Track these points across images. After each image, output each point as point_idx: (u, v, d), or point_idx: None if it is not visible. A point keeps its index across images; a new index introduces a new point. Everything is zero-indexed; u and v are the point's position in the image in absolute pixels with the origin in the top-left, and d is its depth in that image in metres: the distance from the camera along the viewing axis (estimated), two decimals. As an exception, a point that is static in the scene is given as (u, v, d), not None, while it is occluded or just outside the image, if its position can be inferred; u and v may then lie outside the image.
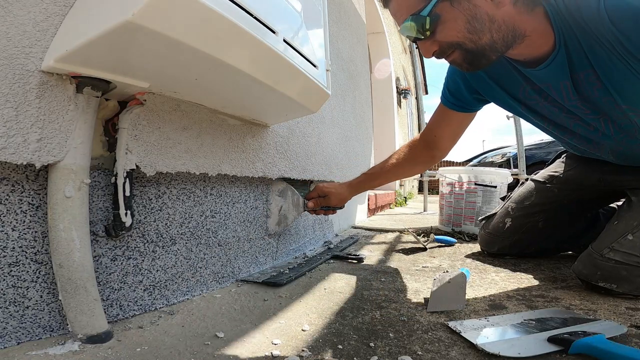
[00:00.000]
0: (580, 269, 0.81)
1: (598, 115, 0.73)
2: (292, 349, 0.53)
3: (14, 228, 0.50)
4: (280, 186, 1.03)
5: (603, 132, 0.78)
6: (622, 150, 0.83)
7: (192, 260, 0.76)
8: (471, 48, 0.62)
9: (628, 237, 0.77)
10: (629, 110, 0.68)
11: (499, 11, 0.59)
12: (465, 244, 1.47)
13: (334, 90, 1.54)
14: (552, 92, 0.73)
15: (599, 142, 0.84)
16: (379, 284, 0.87)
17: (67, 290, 0.52)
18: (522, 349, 0.51)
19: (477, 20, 0.59)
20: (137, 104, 0.61)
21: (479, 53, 0.63)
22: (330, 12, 1.54)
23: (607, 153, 0.87)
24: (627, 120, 0.70)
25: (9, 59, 0.46)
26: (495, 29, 0.60)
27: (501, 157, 4.41)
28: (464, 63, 0.66)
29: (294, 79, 0.68)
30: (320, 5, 0.80)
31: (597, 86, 0.66)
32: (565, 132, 0.86)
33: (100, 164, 0.60)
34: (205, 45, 0.49)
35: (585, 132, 0.81)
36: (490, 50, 0.63)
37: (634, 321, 0.62)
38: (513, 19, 0.61)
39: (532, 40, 0.64)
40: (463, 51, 0.64)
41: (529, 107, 0.82)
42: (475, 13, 0.59)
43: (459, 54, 0.64)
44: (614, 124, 0.74)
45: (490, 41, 0.61)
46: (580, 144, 0.90)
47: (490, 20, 0.59)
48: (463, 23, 0.60)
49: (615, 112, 0.70)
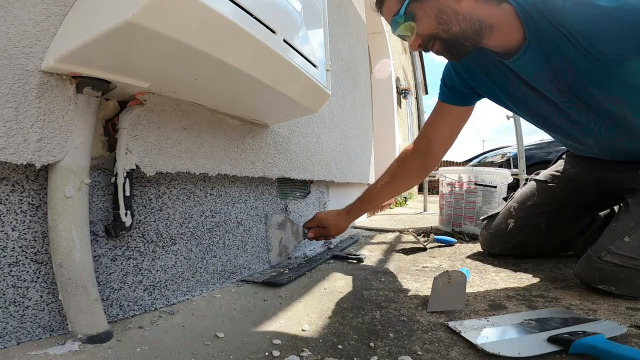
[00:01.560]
0: (580, 272, 0.82)
1: (575, 103, 0.78)
2: (292, 349, 0.53)
3: (14, 228, 0.50)
4: (279, 219, 1.06)
5: (584, 125, 0.82)
6: (606, 147, 0.88)
7: (192, 260, 0.76)
8: (446, 38, 0.72)
9: (625, 239, 0.77)
10: (600, 95, 0.73)
11: (460, 5, 0.69)
12: (465, 244, 1.47)
13: (334, 90, 1.54)
14: (533, 82, 0.79)
15: (583, 138, 0.88)
16: (379, 284, 0.87)
17: (67, 290, 0.52)
18: (522, 349, 0.51)
19: (444, 13, 0.70)
20: (137, 104, 0.61)
21: (454, 42, 0.73)
22: (330, 12, 1.54)
23: (593, 148, 0.91)
24: (598, 104, 0.75)
25: (9, 59, 0.46)
26: (461, 20, 0.70)
27: (501, 157, 4.41)
28: (445, 52, 0.76)
29: (294, 79, 0.68)
30: (320, 5, 0.80)
31: (571, 72, 0.72)
32: (552, 126, 0.91)
33: (100, 164, 0.60)
34: (205, 45, 0.49)
35: (569, 127, 0.86)
36: (463, 38, 0.72)
37: (634, 321, 0.62)
38: (476, 11, 0.70)
39: (501, 31, 0.72)
40: (441, 41, 0.74)
41: (518, 99, 0.87)
42: (440, 7, 0.70)
43: (438, 45, 0.74)
44: (590, 112, 0.78)
45: (460, 30, 0.71)
46: (568, 140, 0.95)
47: (455, 12, 0.70)
48: (433, 17, 0.70)
49: (588, 97, 0.75)
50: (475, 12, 0.70)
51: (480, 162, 4.82)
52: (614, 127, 0.80)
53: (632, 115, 0.76)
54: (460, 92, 0.94)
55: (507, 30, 0.72)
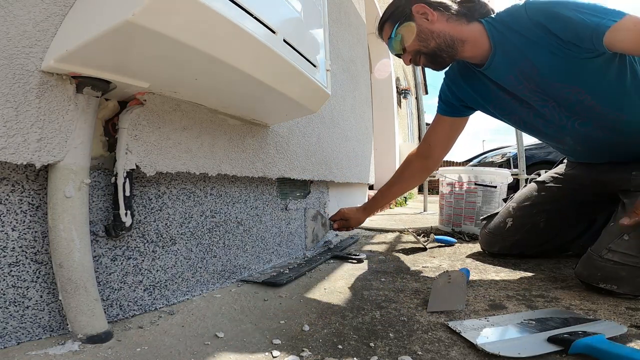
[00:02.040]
0: (581, 271, 0.82)
1: (547, 102, 0.88)
2: (292, 349, 0.53)
3: (14, 228, 0.50)
4: (313, 212, 1.30)
5: (557, 122, 0.92)
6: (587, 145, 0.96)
7: (192, 260, 0.76)
8: (427, 52, 0.90)
9: (624, 237, 0.78)
10: (564, 88, 0.83)
11: (434, 26, 0.88)
12: (465, 244, 1.47)
13: (334, 91, 1.54)
14: (507, 86, 0.91)
15: (561, 137, 0.97)
16: (379, 284, 0.87)
17: (67, 290, 0.52)
18: (522, 349, 0.51)
19: (423, 33, 0.89)
20: (137, 104, 0.61)
21: (434, 54, 0.90)
22: (330, 12, 1.54)
23: (574, 147, 1.00)
24: (566, 98, 0.85)
25: (9, 59, 0.46)
26: (436, 37, 0.88)
27: (501, 157, 4.41)
28: (429, 64, 0.94)
29: (293, 79, 0.68)
30: (320, 5, 0.80)
31: (535, 72, 0.84)
32: (532, 129, 1.02)
33: (100, 164, 0.60)
34: (205, 45, 0.49)
35: (545, 127, 0.96)
36: (439, 51, 0.89)
37: (634, 321, 0.62)
38: (447, 29, 0.88)
39: (471, 44, 0.88)
40: (424, 55, 0.91)
41: (499, 106, 1.00)
42: (419, 29, 0.89)
43: (423, 58, 0.93)
44: (561, 108, 0.88)
45: (436, 45, 0.89)
46: (550, 141, 1.06)
47: (430, 32, 0.88)
48: (415, 36, 0.90)
49: (555, 93, 0.85)
50: (447, 30, 0.88)
51: (480, 162, 4.82)
52: (585, 121, 0.88)
53: (597, 103, 0.83)
54: (453, 105, 1.09)
55: (476, 42, 0.88)
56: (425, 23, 0.88)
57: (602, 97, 0.82)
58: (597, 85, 0.81)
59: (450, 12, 0.88)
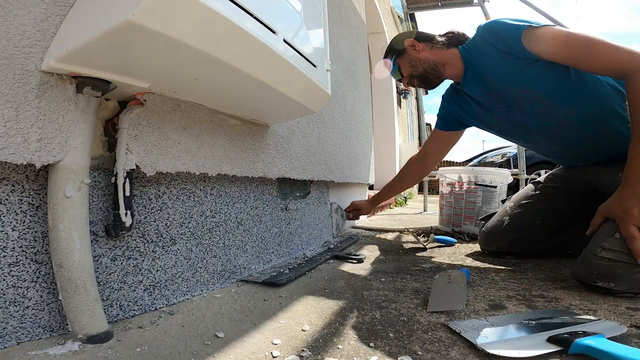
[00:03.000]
0: (578, 271, 0.82)
1: (511, 107, 1.03)
2: (292, 349, 0.53)
3: (14, 228, 0.50)
4: (335, 206, 1.61)
5: (524, 125, 1.05)
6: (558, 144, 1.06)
7: (192, 260, 0.76)
8: (417, 75, 1.13)
9: (616, 235, 0.78)
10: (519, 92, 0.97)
11: (421, 54, 1.11)
12: (465, 244, 1.46)
13: (334, 91, 1.54)
14: (481, 99, 1.09)
15: (534, 138, 1.10)
16: (379, 284, 0.87)
17: (67, 290, 0.52)
18: (522, 349, 0.51)
19: (412, 60, 1.12)
20: (137, 104, 0.61)
21: (423, 77, 1.13)
22: (330, 12, 1.54)
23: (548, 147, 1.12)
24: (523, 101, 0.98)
25: (9, 59, 0.46)
26: (422, 62, 1.11)
27: (501, 157, 4.41)
28: (422, 84, 1.16)
29: (293, 79, 0.68)
30: (320, 5, 0.80)
31: (494, 82, 1.00)
32: (509, 134, 1.18)
33: (100, 164, 0.60)
34: (205, 45, 0.49)
35: (517, 130, 1.11)
36: (427, 73, 1.11)
37: (634, 321, 0.62)
38: (430, 56, 1.10)
39: (450, 65, 1.08)
40: (416, 78, 1.15)
41: (480, 119, 1.18)
42: (410, 58, 1.13)
43: (416, 80, 1.16)
44: (523, 112, 1.01)
45: (423, 69, 1.11)
46: (527, 143, 1.20)
47: (418, 59, 1.11)
48: (407, 64, 1.14)
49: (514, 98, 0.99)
50: (430, 56, 1.10)
51: (480, 162, 4.82)
52: (547, 121, 0.99)
53: (550, 102, 0.94)
54: (447, 121, 1.28)
55: (453, 64, 1.07)
56: (414, 53, 1.12)
57: (552, 95, 0.93)
58: (545, 85, 0.93)
59: (432, 42, 1.11)
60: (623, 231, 0.76)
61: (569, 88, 0.91)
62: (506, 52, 0.92)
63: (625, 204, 0.77)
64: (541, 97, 0.94)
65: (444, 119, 1.29)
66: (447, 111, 1.26)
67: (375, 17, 3.89)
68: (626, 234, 0.76)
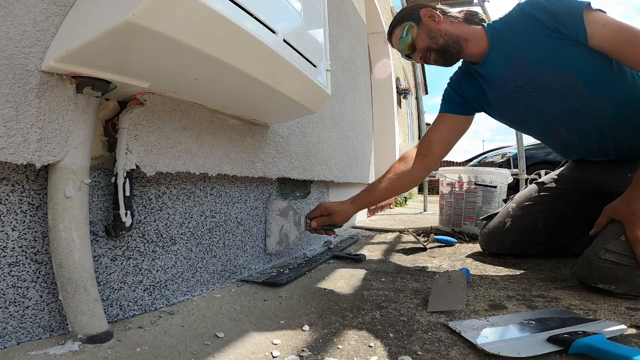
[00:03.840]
0: (579, 272, 0.82)
1: (538, 92, 0.95)
2: (292, 349, 0.53)
3: (14, 228, 0.50)
4: (282, 205, 1.01)
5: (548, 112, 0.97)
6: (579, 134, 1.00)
7: (192, 260, 0.76)
8: (436, 48, 0.99)
9: (621, 238, 0.78)
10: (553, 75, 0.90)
11: (441, 25, 0.98)
12: (465, 244, 1.46)
13: (334, 90, 1.54)
14: (498, 79, 1.00)
15: (555, 128, 1.02)
16: (379, 284, 0.87)
17: (67, 290, 0.52)
18: (522, 349, 0.51)
19: (431, 31, 0.98)
20: (137, 104, 0.61)
21: (443, 50, 0.98)
22: (330, 12, 1.54)
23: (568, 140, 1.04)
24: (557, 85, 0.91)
25: (9, 59, 0.46)
26: (443, 34, 0.97)
27: (501, 157, 4.41)
28: (440, 59, 1.01)
29: (293, 79, 0.68)
30: (320, 5, 0.80)
31: (526, 62, 0.92)
32: (527, 122, 1.08)
33: (100, 164, 0.60)
34: (205, 45, 0.49)
35: (538, 117, 1.01)
36: (448, 46, 0.98)
37: (634, 321, 0.62)
38: (452, 29, 0.98)
39: (473, 41, 0.98)
40: (434, 51, 1.00)
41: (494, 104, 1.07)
42: (428, 28, 0.99)
43: (434, 54, 1.00)
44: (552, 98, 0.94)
45: (444, 42, 0.97)
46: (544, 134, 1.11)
47: (438, 30, 0.98)
48: (425, 35, 0.99)
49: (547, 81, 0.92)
50: (452, 29, 0.98)
51: (480, 162, 4.82)
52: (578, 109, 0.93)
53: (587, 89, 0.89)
54: (456, 102, 1.12)
55: (477, 41, 0.98)
56: (433, 24, 0.99)
57: (592, 83, 0.88)
58: (588, 72, 0.87)
59: (451, 16, 1.01)
60: (629, 234, 0.76)
61: (610, 80, 0.87)
62: (554, 30, 0.85)
63: (635, 205, 0.76)
64: (579, 84, 0.88)
65: (453, 101, 1.13)
66: (457, 92, 1.12)
67: (375, 17, 3.88)
68: (632, 238, 0.75)
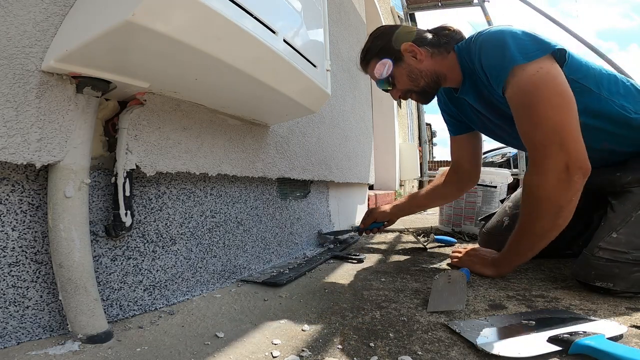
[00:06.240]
0: (577, 271, 0.83)
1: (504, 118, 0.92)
2: (292, 349, 0.53)
3: (14, 228, 0.50)
4: None
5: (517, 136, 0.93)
6: None
7: (192, 260, 0.76)
8: (417, 90, 0.97)
9: (612, 235, 0.79)
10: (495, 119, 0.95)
11: (422, 65, 0.93)
12: (465, 244, 1.46)
13: (334, 90, 1.54)
14: (477, 106, 0.99)
15: None
16: (379, 284, 0.87)
17: (67, 290, 0.52)
18: (522, 349, 0.51)
19: (412, 72, 0.94)
20: (137, 104, 0.61)
21: (423, 92, 0.97)
22: (330, 12, 1.54)
23: None
24: None
25: (9, 59, 0.46)
26: (424, 76, 0.94)
27: (501, 157, 4.42)
28: (420, 99, 1.01)
29: (293, 79, 0.68)
30: (320, 5, 0.80)
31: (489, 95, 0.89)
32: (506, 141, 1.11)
33: (100, 164, 0.60)
34: (205, 45, 0.49)
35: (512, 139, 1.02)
36: (428, 88, 0.96)
37: (634, 321, 0.62)
38: (433, 66, 0.94)
39: (450, 75, 0.95)
40: (414, 93, 0.98)
41: (477, 124, 1.10)
42: (410, 69, 0.94)
43: (414, 95, 0.99)
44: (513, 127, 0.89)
45: (425, 83, 0.95)
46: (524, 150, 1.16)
47: (419, 71, 0.94)
48: (406, 77, 0.95)
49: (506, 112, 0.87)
50: (433, 67, 0.93)
51: (480, 162, 4.81)
52: None
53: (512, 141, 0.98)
54: (457, 124, 1.16)
55: (453, 73, 0.95)
56: (414, 62, 0.93)
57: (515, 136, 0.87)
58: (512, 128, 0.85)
59: (433, 47, 0.93)
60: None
61: None
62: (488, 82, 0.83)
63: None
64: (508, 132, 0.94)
65: (453, 125, 1.18)
66: (451, 116, 1.17)
67: (375, 17, 3.88)
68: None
